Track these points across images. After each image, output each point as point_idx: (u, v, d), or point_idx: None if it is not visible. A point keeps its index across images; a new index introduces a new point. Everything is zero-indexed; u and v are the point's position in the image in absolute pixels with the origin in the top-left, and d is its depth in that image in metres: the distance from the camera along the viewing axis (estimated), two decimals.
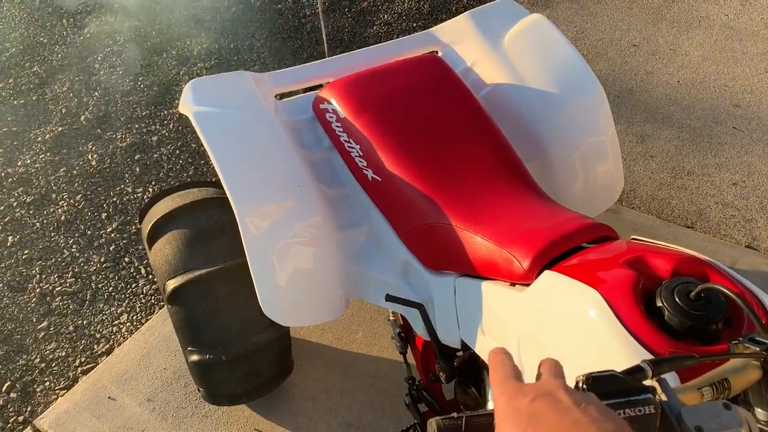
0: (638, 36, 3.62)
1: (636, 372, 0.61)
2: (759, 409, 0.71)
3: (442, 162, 1.39)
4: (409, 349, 1.66)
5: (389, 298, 1.42)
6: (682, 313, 0.83)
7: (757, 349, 0.69)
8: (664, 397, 0.60)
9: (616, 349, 0.85)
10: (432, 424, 0.59)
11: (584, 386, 0.58)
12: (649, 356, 0.81)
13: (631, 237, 1.12)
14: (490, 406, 1.27)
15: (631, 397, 0.58)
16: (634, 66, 3.42)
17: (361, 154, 1.47)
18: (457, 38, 1.81)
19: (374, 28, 3.85)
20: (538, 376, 0.62)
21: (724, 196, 2.68)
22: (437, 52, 1.82)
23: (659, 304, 0.86)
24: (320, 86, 1.76)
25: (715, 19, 3.70)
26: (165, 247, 1.73)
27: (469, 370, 1.41)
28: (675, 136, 2.97)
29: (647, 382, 0.61)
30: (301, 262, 1.45)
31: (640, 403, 0.57)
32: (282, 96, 1.80)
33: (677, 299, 0.85)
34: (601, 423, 0.51)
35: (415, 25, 3.85)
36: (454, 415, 0.60)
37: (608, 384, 0.59)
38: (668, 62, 3.42)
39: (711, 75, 3.31)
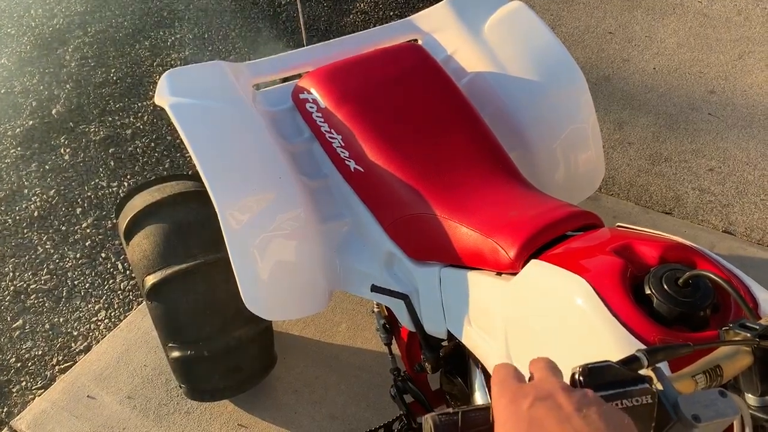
0: (614, 23, 3.63)
1: (632, 361, 0.61)
2: (749, 395, 0.71)
3: (425, 151, 1.37)
4: (393, 340, 1.65)
5: (374, 288, 1.40)
6: (670, 300, 0.83)
7: (748, 335, 0.69)
8: (659, 386, 0.60)
9: (605, 338, 0.84)
10: (428, 420, 0.58)
11: (581, 378, 0.57)
12: (639, 344, 0.81)
13: (617, 224, 1.11)
14: (477, 395, 1.27)
15: (627, 388, 0.57)
16: (610, 53, 3.43)
17: (343, 144, 1.45)
18: (437, 26, 1.79)
19: (350, 17, 3.82)
20: (532, 373, 0.61)
21: (700, 182, 2.71)
22: (417, 41, 1.81)
23: (648, 291, 0.86)
24: (299, 76, 1.73)
25: (689, 6, 3.72)
26: (143, 242, 1.70)
27: (455, 360, 1.40)
28: (652, 123, 2.99)
29: (642, 372, 0.61)
30: (283, 255, 1.43)
31: (637, 393, 0.57)
32: (259, 86, 1.76)
33: (666, 286, 0.84)
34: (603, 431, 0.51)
35: (392, 13, 3.82)
36: (450, 410, 0.59)
37: (604, 374, 0.58)
38: (644, 49, 3.44)
39: (686, 62, 3.34)
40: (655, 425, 0.57)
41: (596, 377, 0.58)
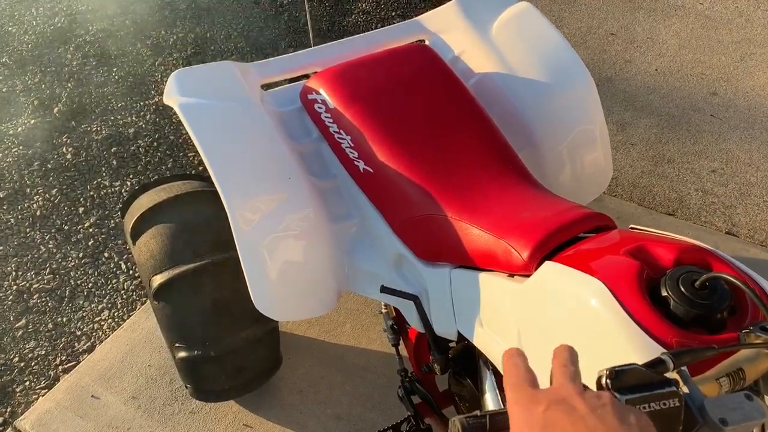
0: (616, 25, 3.64)
1: (657, 364, 0.60)
2: None
3: (434, 152, 1.37)
4: (401, 341, 1.65)
5: (383, 289, 1.40)
6: (688, 302, 0.83)
7: None
8: (685, 389, 0.60)
9: (622, 340, 0.84)
10: (455, 423, 0.58)
11: (608, 380, 0.57)
12: (657, 346, 0.81)
13: (630, 226, 1.11)
14: (487, 397, 1.27)
15: (655, 391, 0.57)
16: (612, 55, 3.44)
17: (352, 145, 1.44)
18: (445, 27, 1.79)
19: (352, 17, 3.82)
20: (552, 377, 0.61)
21: (703, 184, 2.72)
22: (424, 41, 1.80)
23: (664, 293, 0.86)
24: (305, 77, 1.73)
25: (690, 8, 3.73)
26: (150, 242, 1.69)
27: (464, 361, 1.40)
28: (654, 124, 3.00)
29: (668, 375, 0.61)
30: (292, 255, 1.43)
31: (664, 396, 0.57)
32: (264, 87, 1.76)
33: (683, 288, 0.84)
34: (618, 430, 0.51)
35: (393, 14, 3.82)
36: (477, 413, 0.59)
37: (631, 377, 0.58)
38: (646, 51, 3.44)
39: (688, 63, 3.34)
40: (681, 429, 0.57)
41: (623, 380, 0.58)
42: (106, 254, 2.56)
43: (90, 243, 2.60)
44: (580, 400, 0.54)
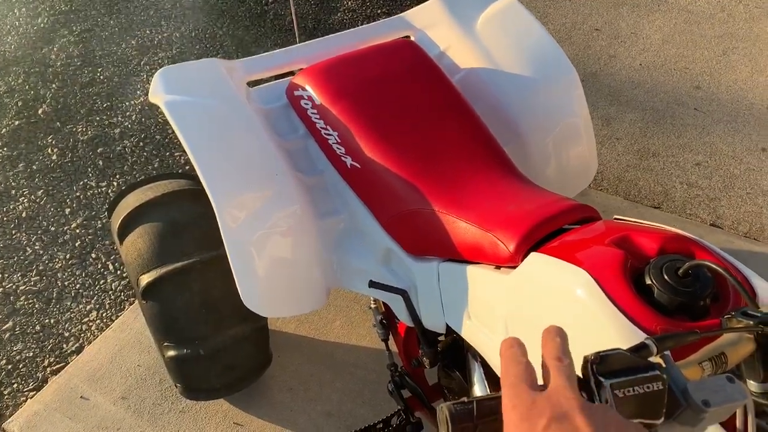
0: (600, 20, 3.66)
1: (641, 349, 0.61)
2: (752, 382, 0.72)
3: (421, 147, 1.38)
4: (390, 336, 1.65)
5: (372, 284, 1.41)
6: (671, 290, 0.84)
7: (750, 322, 0.70)
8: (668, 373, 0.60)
9: (607, 328, 0.85)
10: (443, 410, 0.59)
11: (593, 366, 0.58)
12: (641, 334, 0.82)
13: (614, 217, 1.13)
14: (476, 389, 1.28)
15: (639, 375, 0.58)
16: (597, 50, 3.46)
17: (339, 141, 1.45)
18: (430, 23, 1.80)
19: (338, 14, 3.82)
20: (544, 369, 0.59)
21: (688, 177, 2.74)
22: (410, 37, 1.81)
23: (648, 282, 0.87)
24: (291, 73, 1.73)
25: (673, 3, 3.76)
26: (137, 241, 1.69)
27: (453, 354, 1.41)
28: (639, 119, 3.02)
29: (651, 359, 0.62)
30: (280, 251, 1.43)
31: (647, 380, 0.58)
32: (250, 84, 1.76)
33: (666, 277, 0.85)
34: None
35: (379, 11, 3.82)
36: (465, 399, 0.59)
37: (616, 361, 0.59)
38: (630, 46, 3.47)
39: (672, 58, 3.37)
40: (665, 411, 0.58)
41: (607, 364, 0.58)
42: (93, 255, 2.55)
43: (77, 244, 2.59)
44: (582, 418, 0.53)
